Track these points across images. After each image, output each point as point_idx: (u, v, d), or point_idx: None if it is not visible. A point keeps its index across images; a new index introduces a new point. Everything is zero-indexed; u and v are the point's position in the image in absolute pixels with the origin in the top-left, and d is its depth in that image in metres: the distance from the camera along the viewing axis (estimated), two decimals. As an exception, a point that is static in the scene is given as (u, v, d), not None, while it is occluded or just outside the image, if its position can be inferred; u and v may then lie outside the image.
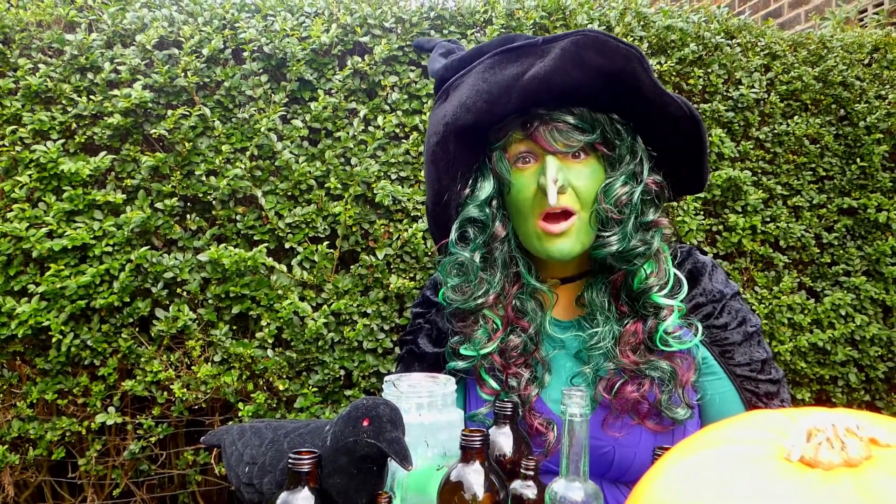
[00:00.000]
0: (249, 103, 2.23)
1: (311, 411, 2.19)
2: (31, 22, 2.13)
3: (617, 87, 1.11)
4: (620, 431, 1.14)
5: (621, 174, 1.16)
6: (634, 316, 1.19)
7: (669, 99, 1.15)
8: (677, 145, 1.21)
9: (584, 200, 1.16)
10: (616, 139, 1.17)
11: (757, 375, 1.22)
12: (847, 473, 0.60)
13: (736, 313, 1.23)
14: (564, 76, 1.08)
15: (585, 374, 1.18)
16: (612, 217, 1.15)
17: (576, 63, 1.08)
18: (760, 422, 0.72)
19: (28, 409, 2.10)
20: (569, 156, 1.15)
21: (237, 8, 2.28)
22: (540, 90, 1.10)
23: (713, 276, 1.26)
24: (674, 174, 1.24)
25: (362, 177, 2.25)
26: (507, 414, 1.03)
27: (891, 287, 2.81)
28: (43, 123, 2.07)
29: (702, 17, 2.70)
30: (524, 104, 1.13)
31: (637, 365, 1.15)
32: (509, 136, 1.18)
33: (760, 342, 1.24)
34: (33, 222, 2.04)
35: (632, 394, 1.13)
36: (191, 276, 2.14)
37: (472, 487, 0.86)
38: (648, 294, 1.17)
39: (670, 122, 1.17)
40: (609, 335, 1.17)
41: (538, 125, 1.14)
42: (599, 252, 1.17)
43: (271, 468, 0.94)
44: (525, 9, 2.46)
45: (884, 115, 2.80)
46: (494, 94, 1.12)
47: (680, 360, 1.16)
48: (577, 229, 1.16)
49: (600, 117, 1.15)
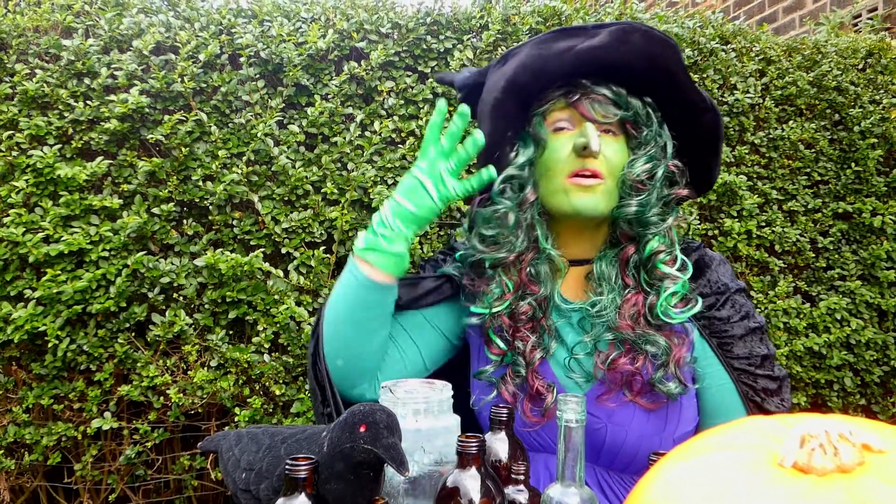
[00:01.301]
0: (246, 108, 2.24)
1: (308, 416, 2.19)
2: (28, 27, 2.14)
3: (654, 70, 1.21)
4: (614, 403, 1.18)
5: (644, 154, 1.24)
6: (637, 288, 1.23)
7: (697, 90, 1.24)
8: (697, 138, 1.29)
9: (612, 169, 1.23)
10: (645, 123, 1.25)
11: (755, 370, 1.24)
12: (840, 479, 0.60)
13: (740, 307, 1.26)
14: (613, 51, 1.19)
15: (585, 343, 1.22)
16: (637, 187, 1.23)
17: (623, 41, 1.19)
18: (754, 428, 0.72)
19: (24, 414, 2.10)
20: (601, 130, 1.23)
21: (234, 13, 2.28)
22: (593, 58, 1.19)
23: (720, 269, 1.30)
24: (687, 169, 1.31)
25: (359, 182, 2.25)
26: (502, 420, 1.03)
27: (886, 291, 2.82)
28: (40, 128, 2.07)
29: (697, 22, 2.71)
30: (575, 70, 1.22)
31: (633, 333, 1.18)
32: (551, 104, 1.25)
33: (763, 339, 1.27)
34: (30, 227, 2.04)
35: (625, 366, 1.17)
36: (187, 280, 2.14)
37: (468, 493, 0.87)
38: (655, 261, 1.22)
39: (695, 112, 1.26)
40: (611, 304, 1.22)
41: (581, 95, 1.22)
42: (620, 212, 1.23)
43: (268, 474, 0.94)
44: (521, 14, 2.47)
45: (878, 119, 2.81)
46: (550, 57, 1.21)
47: (675, 338, 1.20)
48: (603, 191, 1.22)
49: (635, 100, 1.23)
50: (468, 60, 2.37)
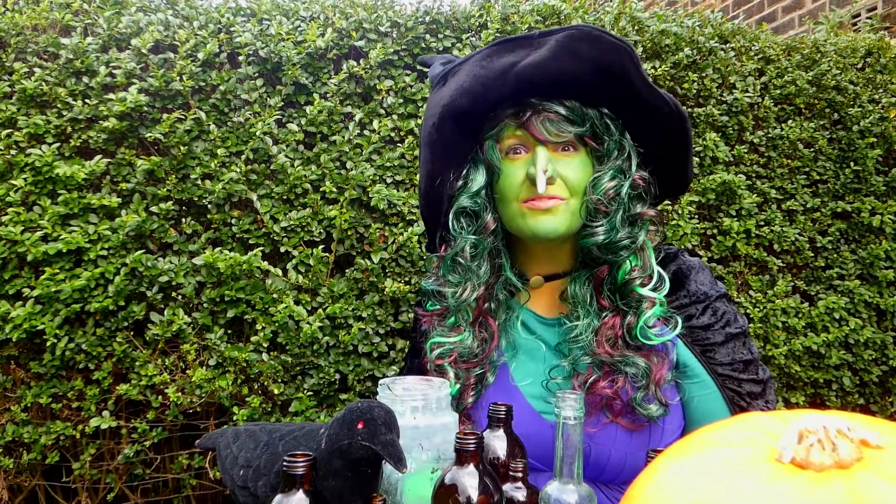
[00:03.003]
0: (245, 107, 2.24)
1: (307, 415, 2.19)
2: (27, 26, 2.13)
3: (608, 79, 1.14)
4: (594, 427, 1.15)
5: (609, 168, 1.19)
6: (614, 310, 1.20)
7: (658, 95, 1.17)
8: (663, 142, 1.23)
9: (573, 189, 1.18)
10: (605, 134, 1.19)
11: (739, 375, 1.22)
12: (838, 475, 0.60)
13: (721, 315, 1.24)
14: (559, 65, 1.11)
15: (563, 367, 1.20)
16: (601, 209, 1.18)
17: (570, 53, 1.11)
18: (752, 424, 0.72)
19: (22, 413, 2.10)
20: (559, 148, 1.18)
21: (233, 12, 2.28)
22: (535, 76, 1.13)
23: (698, 278, 1.27)
24: (658, 173, 1.26)
25: (358, 181, 2.25)
26: (500, 417, 1.03)
27: (885, 291, 2.82)
28: (38, 127, 2.07)
29: (696, 21, 2.71)
30: (518, 90, 1.15)
31: (612, 357, 1.16)
32: (502, 126, 1.20)
33: (746, 343, 1.25)
34: (28, 226, 2.04)
35: (604, 389, 1.14)
36: (186, 279, 2.14)
37: (466, 490, 0.87)
38: (631, 285, 1.19)
39: (658, 118, 1.19)
40: (588, 329, 1.19)
41: (531, 114, 1.16)
42: (587, 241, 1.19)
43: (266, 471, 0.94)
44: (520, 13, 2.47)
45: (877, 119, 2.81)
46: (490, 79, 1.15)
47: (655, 358, 1.17)
48: (563, 210, 1.18)
49: (590, 112, 1.17)
50: (467, 59, 2.37)
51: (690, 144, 1.26)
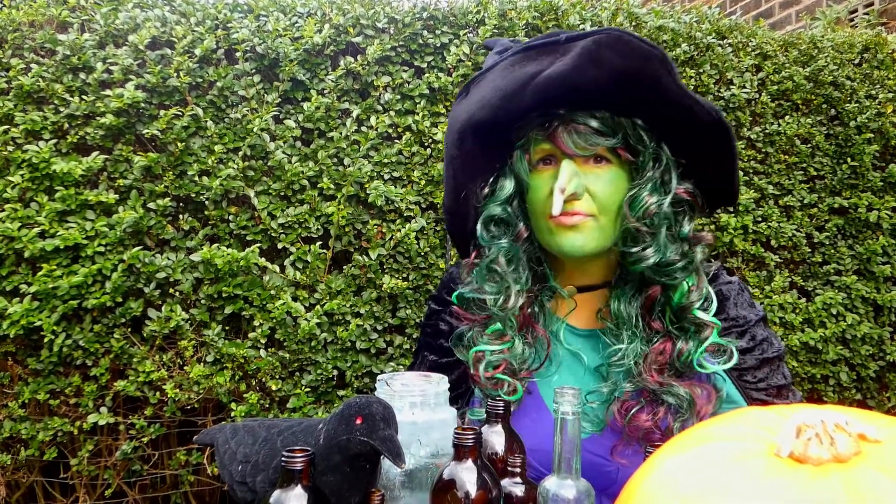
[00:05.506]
0: (242, 103, 2.23)
1: (304, 411, 2.19)
2: (24, 22, 2.13)
3: (637, 88, 1.06)
4: (629, 460, 1.10)
5: (647, 182, 1.12)
6: (665, 334, 1.14)
7: (695, 103, 1.10)
8: (705, 154, 1.15)
9: (603, 205, 1.12)
10: (639, 145, 1.12)
11: (773, 400, 1.18)
12: (836, 469, 0.61)
13: (760, 341, 1.20)
14: (581, 76, 1.05)
15: (602, 392, 1.14)
16: (643, 231, 1.11)
17: (594, 62, 1.04)
18: (750, 418, 0.72)
19: (20, 410, 2.09)
20: (590, 160, 1.12)
21: (230, 8, 2.27)
22: (553, 89, 1.07)
23: (738, 300, 1.22)
24: (701, 185, 1.18)
25: (355, 177, 2.25)
26: (499, 412, 1.03)
27: (881, 286, 2.83)
28: (35, 123, 2.06)
29: (693, 17, 2.71)
30: (538, 103, 1.10)
31: (661, 386, 1.09)
32: (530, 137, 1.15)
33: (780, 367, 1.21)
34: (25, 222, 2.03)
35: (646, 422, 1.09)
36: (183, 276, 2.14)
37: (464, 485, 0.87)
38: (690, 309, 1.12)
39: (697, 128, 1.12)
40: (633, 353, 1.12)
41: (557, 126, 1.11)
42: (637, 266, 1.12)
43: (264, 466, 0.93)
44: (517, 9, 2.46)
45: (874, 114, 2.82)
46: (509, 92, 1.10)
47: (700, 390, 1.11)
48: (590, 227, 1.12)
49: (623, 122, 1.10)
50: (465, 56, 2.37)
51: (735, 155, 1.17)
